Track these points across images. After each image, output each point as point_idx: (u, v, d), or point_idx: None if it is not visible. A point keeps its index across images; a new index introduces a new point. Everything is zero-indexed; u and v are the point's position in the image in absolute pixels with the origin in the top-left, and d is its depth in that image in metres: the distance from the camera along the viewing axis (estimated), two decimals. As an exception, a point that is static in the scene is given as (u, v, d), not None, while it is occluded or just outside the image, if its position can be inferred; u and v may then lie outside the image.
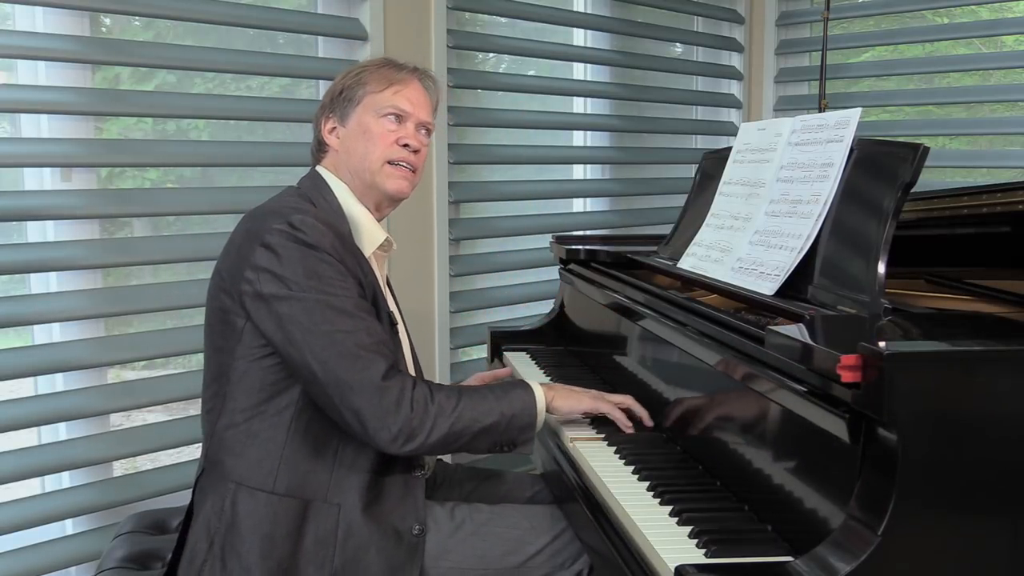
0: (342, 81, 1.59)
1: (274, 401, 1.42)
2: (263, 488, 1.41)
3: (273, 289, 1.37)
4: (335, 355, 1.34)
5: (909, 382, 1.01)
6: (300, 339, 1.36)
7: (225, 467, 1.43)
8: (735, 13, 3.41)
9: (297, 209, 1.43)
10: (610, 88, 3.13)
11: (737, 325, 1.35)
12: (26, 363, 1.91)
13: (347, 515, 1.42)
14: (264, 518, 1.39)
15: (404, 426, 1.35)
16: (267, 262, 1.38)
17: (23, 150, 1.94)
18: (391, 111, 1.54)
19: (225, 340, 1.43)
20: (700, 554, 1.14)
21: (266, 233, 1.39)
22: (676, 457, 1.50)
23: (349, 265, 1.42)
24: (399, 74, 1.58)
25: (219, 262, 1.48)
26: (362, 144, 1.54)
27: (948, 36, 3.10)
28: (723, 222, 1.72)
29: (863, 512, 1.02)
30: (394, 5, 2.43)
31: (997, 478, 1.04)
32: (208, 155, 2.22)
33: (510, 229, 2.82)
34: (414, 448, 1.37)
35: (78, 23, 2.00)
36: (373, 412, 1.34)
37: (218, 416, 1.45)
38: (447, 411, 1.39)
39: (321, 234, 1.40)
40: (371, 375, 1.35)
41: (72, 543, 2.00)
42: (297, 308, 1.36)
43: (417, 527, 1.47)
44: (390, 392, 1.35)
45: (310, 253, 1.38)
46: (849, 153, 1.46)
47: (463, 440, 1.42)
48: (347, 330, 1.36)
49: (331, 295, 1.37)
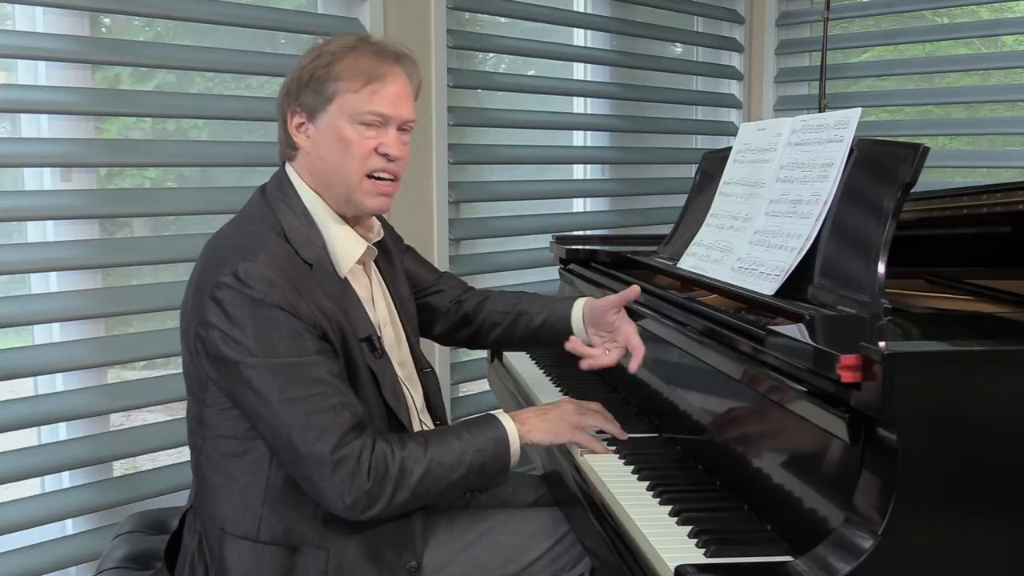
0: (311, 64, 1.38)
1: (249, 449, 1.36)
2: (248, 537, 1.36)
3: (224, 350, 1.28)
4: (284, 424, 1.27)
5: (909, 382, 1.01)
6: (251, 404, 1.29)
7: (210, 504, 1.39)
8: (735, 13, 3.41)
9: (247, 252, 1.30)
10: (610, 88, 3.13)
11: (737, 325, 1.35)
12: (26, 363, 1.91)
13: (336, 558, 1.37)
14: (251, 567, 1.35)
15: (360, 497, 1.27)
16: (216, 319, 1.29)
17: (23, 150, 1.94)
18: (370, 118, 1.37)
19: (195, 386, 1.38)
20: (700, 554, 1.14)
21: (214, 287, 1.29)
22: (676, 457, 1.50)
23: (302, 314, 1.29)
24: (378, 67, 1.38)
25: (182, 302, 1.39)
26: (337, 154, 1.38)
27: (948, 36, 3.10)
28: (723, 222, 1.72)
29: (863, 512, 1.02)
30: (394, 5, 2.43)
31: (997, 478, 1.04)
32: (208, 155, 2.22)
33: (510, 229, 2.82)
34: (376, 514, 1.30)
35: (78, 23, 2.00)
36: (325, 484, 1.27)
37: (199, 451, 1.41)
38: (411, 472, 1.30)
39: (269, 285, 1.28)
40: (321, 448, 1.26)
41: (72, 543, 2.00)
42: (248, 373, 1.27)
43: (413, 562, 1.41)
44: (344, 464, 1.26)
45: (258, 310, 1.27)
46: (849, 153, 1.46)
47: (430, 497, 1.35)
48: (299, 396, 1.27)
49: (282, 358, 1.27)
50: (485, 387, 2.64)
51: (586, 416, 1.51)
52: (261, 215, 1.40)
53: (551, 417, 1.46)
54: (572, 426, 1.47)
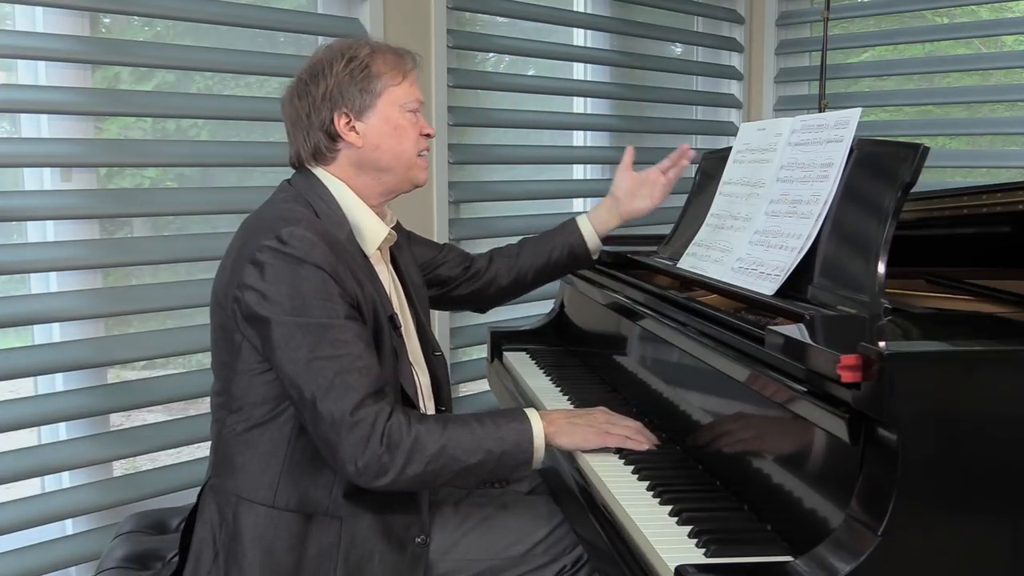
0: (346, 69, 1.48)
1: (275, 415, 1.40)
2: (264, 502, 1.39)
3: (258, 309, 1.34)
4: (309, 382, 1.31)
5: (909, 382, 1.01)
6: (280, 361, 1.33)
7: (228, 478, 1.42)
8: (735, 13, 3.41)
9: (288, 220, 1.38)
10: (610, 88, 3.13)
11: (737, 325, 1.35)
12: (26, 363, 1.91)
13: (349, 528, 1.40)
14: (265, 532, 1.39)
15: (371, 462, 1.29)
16: (254, 280, 1.34)
17: (23, 150, 1.94)
18: (415, 105, 1.52)
19: (227, 355, 1.42)
20: (700, 554, 1.14)
21: (256, 250, 1.35)
22: (676, 457, 1.50)
23: (341, 278, 1.36)
24: (404, 62, 1.53)
25: (216, 278, 1.46)
26: (395, 140, 1.50)
27: (948, 36, 3.10)
28: (723, 222, 1.72)
29: (863, 512, 1.02)
30: (394, 5, 2.43)
31: (997, 478, 1.04)
32: (208, 155, 2.22)
33: (510, 229, 2.81)
34: (386, 484, 1.31)
35: (78, 23, 2.00)
36: (340, 445, 1.30)
37: (222, 426, 1.45)
38: (425, 446, 1.32)
39: (311, 245, 1.35)
40: (342, 407, 1.29)
41: (72, 543, 2.00)
42: (278, 331, 1.32)
43: (421, 536, 1.45)
44: (360, 426, 1.29)
45: (298, 270, 1.33)
46: (849, 153, 1.46)
47: (444, 478, 1.35)
48: (325, 356, 1.31)
49: (314, 318, 1.32)
50: (485, 387, 2.64)
51: (615, 427, 1.50)
52: (295, 197, 1.48)
53: (580, 422, 1.48)
54: (599, 433, 1.47)
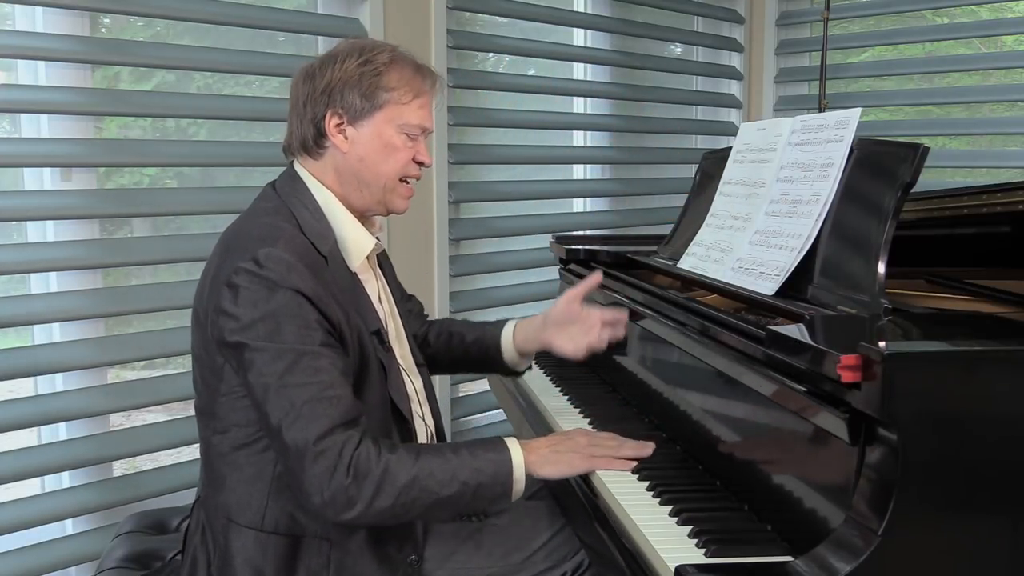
0: (358, 70, 1.41)
1: (259, 437, 1.37)
2: (252, 526, 1.37)
3: (233, 335, 1.30)
4: (276, 408, 1.27)
5: (909, 382, 1.01)
6: (250, 386, 1.30)
7: (218, 494, 1.40)
8: (735, 13, 3.41)
9: (266, 239, 1.32)
10: (610, 88, 3.13)
11: (737, 325, 1.35)
12: (26, 363, 1.91)
13: (339, 550, 1.37)
14: (254, 555, 1.36)
15: (338, 493, 1.24)
16: (228, 305, 1.31)
17: (23, 150, 1.94)
18: (415, 130, 1.45)
19: (210, 375, 1.40)
20: (700, 554, 1.14)
21: (232, 272, 1.31)
22: (676, 457, 1.50)
23: (321, 302, 1.31)
24: (423, 83, 1.46)
25: (196, 294, 1.42)
26: (380, 157, 1.43)
27: (948, 36, 3.10)
28: (723, 222, 1.72)
29: (863, 512, 1.02)
30: (394, 5, 2.43)
31: (997, 478, 1.04)
32: (207, 155, 2.22)
33: (510, 229, 2.82)
34: (353, 517, 1.26)
35: (78, 23, 2.00)
36: (304, 475, 1.25)
37: (207, 444, 1.43)
38: (395, 477, 1.27)
39: (288, 268, 1.30)
40: (306, 435, 1.24)
41: (72, 543, 2.00)
42: (250, 356, 1.28)
43: (413, 556, 1.42)
44: (325, 456, 1.24)
45: (273, 294, 1.29)
46: (849, 153, 1.46)
47: (416, 511, 1.30)
48: (295, 383, 1.26)
49: (286, 344, 1.28)
50: (485, 387, 2.64)
51: (598, 448, 1.46)
52: (276, 209, 1.43)
53: (563, 449, 1.42)
54: (584, 458, 1.43)
